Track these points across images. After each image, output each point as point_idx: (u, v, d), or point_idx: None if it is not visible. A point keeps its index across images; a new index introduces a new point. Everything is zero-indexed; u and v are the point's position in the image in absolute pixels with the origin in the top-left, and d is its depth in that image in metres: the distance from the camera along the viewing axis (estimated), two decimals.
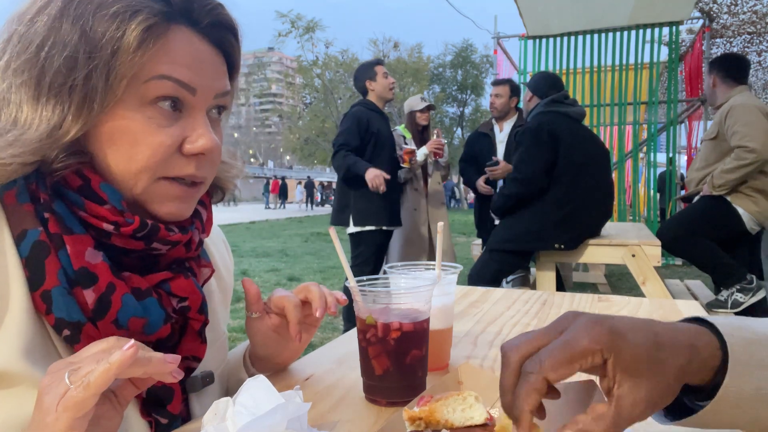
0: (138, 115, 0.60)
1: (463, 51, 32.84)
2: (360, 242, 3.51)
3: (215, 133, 0.66)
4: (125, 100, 0.59)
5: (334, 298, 0.78)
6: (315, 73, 26.96)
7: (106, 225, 0.60)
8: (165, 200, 0.64)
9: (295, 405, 0.52)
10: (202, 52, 0.63)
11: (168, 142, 0.61)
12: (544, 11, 6.09)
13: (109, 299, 0.59)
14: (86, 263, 0.58)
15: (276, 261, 8.00)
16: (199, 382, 0.72)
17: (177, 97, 0.61)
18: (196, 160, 0.63)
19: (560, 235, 2.96)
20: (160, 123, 0.61)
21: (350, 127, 3.49)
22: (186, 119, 0.63)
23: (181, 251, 0.67)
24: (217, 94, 0.66)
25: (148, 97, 0.60)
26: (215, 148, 0.64)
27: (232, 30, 0.67)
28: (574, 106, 3.19)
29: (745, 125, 2.97)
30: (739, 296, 2.97)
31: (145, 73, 0.59)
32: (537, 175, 2.98)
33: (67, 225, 0.59)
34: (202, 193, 0.69)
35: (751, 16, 6.42)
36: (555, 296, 1.39)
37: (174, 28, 0.61)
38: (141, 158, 0.60)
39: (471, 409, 0.56)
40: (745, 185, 3.04)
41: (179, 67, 0.60)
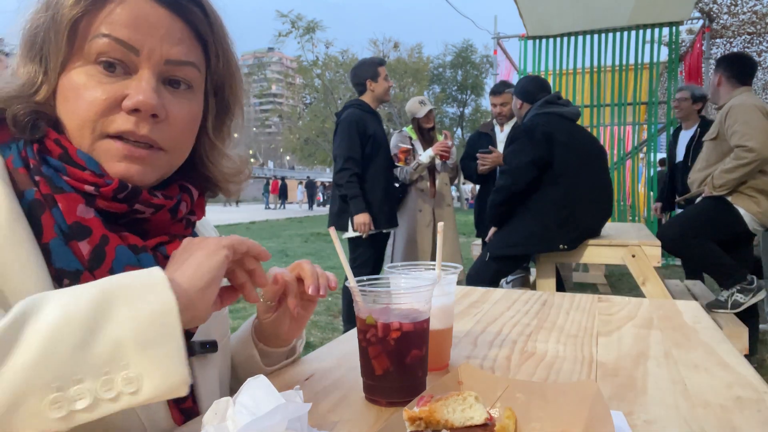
0: (83, 72, 0.64)
1: (463, 51, 32.82)
2: (358, 245, 3.51)
3: (174, 101, 0.68)
4: (74, 59, 0.64)
5: (325, 279, 0.78)
6: (315, 74, 26.94)
7: (87, 187, 0.63)
8: (113, 159, 0.65)
9: (296, 405, 0.52)
10: (150, 15, 0.65)
11: (103, 97, 0.63)
12: (544, 11, 6.09)
13: (104, 250, 0.63)
14: (79, 218, 0.63)
15: (276, 261, 8.00)
16: (197, 346, 0.73)
17: (116, 56, 0.64)
18: (135, 116, 0.64)
19: (564, 236, 2.96)
20: (100, 80, 0.64)
21: (350, 135, 3.44)
22: (131, 79, 0.65)
23: (165, 217, 0.70)
24: (169, 59, 0.66)
25: (91, 54, 0.63)
26: (152, 103, 0.64)
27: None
28: (568, 106, 3.18)
29: (744, 124, 2.96)
30: (740, 297, 2.97)
31: (89, 31, 0.63)
32: (523, 165, 2.96)
33: (56, 185, 0.63)
34: (163, 161, 0.69)
35: (751, 16, 6.42)
36: (555, 296, 1.39)
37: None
38: (80, 112, 0.64)
39: (471, 409, 0.56)
40: (746, 185, 3.03)
41: (120, 26, 0.63)
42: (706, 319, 1.15)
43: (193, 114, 0.72)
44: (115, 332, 0.49)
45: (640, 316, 1.19)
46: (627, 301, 1.33)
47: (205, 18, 0.69)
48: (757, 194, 3.02)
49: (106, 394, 0.48)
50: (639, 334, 1.04)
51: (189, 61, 0.68)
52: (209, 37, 0.71)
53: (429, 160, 3.90)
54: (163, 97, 0.66)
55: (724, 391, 0.73)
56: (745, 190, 3.04)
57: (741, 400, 0.70)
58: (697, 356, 0.89)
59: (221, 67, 0.74)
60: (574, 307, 1.27)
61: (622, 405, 0.69)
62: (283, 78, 65.75)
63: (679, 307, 1.26)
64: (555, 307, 1.27)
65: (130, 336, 0.50)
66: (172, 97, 0.68)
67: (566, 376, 0.81)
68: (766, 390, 0.73)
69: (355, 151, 3.43)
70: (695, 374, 0.80)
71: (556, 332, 1.06)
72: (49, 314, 0.48)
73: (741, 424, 0.63)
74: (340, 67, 27.90)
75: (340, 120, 3.56)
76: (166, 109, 0.67)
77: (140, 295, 0.52)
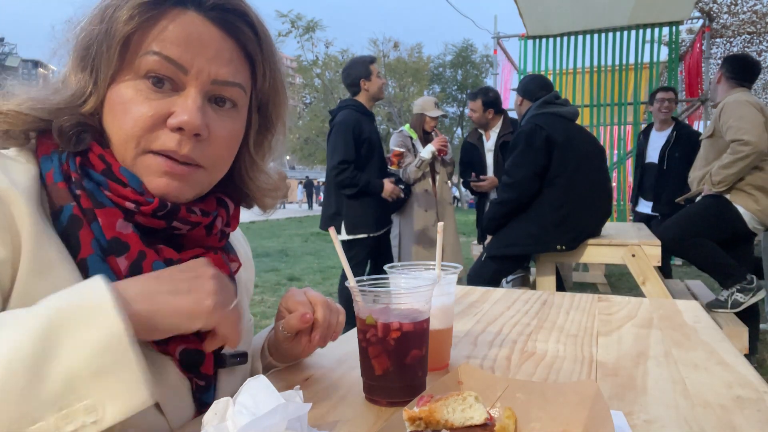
0: (131, 86, 0.64)
1: (463, 51, 32.79)
2: (352, 247, 3.50)
3: (218, 120, 0.68)
4: (124, 72, 0.64)
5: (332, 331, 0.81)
6: (315, 73, 26.92)
7: (128, 203, 0.64)
8: (153, 175, 0.65)
9: (296, 405, 0.52)
10: (202, 34, 0.65)
11: (150, 113, 0.64)
12: (544, 11, 6.09)
13: (140, 266, 0.64)
14: (118, 233, 0.63)
15: (276, 261, 8.00)
16: (228, 359, 0.74)
17: (165, 73, 0.64)
18: (179, 134, 0.64)
19: (561, 237, 2.96)
20: (148, 95, 0.64)
21: (345, 139, 3.40)
22: (178, 97, 0.65)
23: (201, 233, 0.71)
24: (216, 79, 0.66)
25: (141, 70, 0.64)
26: (197, 123, 0.64)
27: (243, 16, 0.68)
28: (566, 105, 3.17)
29: (739, 119, 2.97)
30: (739, 296, 2.97)
31: (140, 48, 0.64)
32: (528, 178, 2.97)
33: (98, 200, 0.63)
34: (203, 178, 0.69)
35: (751, 16, 6.42)
36: (555, 296, 1.39)
37: (175, 8, 0.65)
38: (126, 127, 0.64)
39: (471, 409, 0.56)
40: (744, 182, 3.03)
41: (171, 45, 0.64)
42: (706, 318, 1.15)
43: (236, 132, 0.72)
44: (65, 365, 0.47)
45: (640, 315, 1.19)
46: (627, 300, 1.33)
47: (255, 38, 0.70)
48: (756, 191, 3.02)
49: (67, 427, 0.46)
50: (639, 334, 1.04)
51: (236, 82, 0.69)
52: (258, 57, 0.71)
53: (430, 155, 3.90)
54: (207, 116, 0.67)
55: (724, 391, 0.73)
56: (744, 187, 3.03)
57: (741, 399, 0.70)
58: (697, 356, 0.89)
59: (267, 86, 0.74)
60: (574, 307, 1.27)
61: (622, 405, 0.69)
62: None
63: (679, 307, 1.26)
64: (555, 307, 1.27)
65: (83, 366, 0.47)
66: (216, 115, 0.68)
67: (566, 376, 0.81)
68: (766, 390, 0.73)
69: (350, 155, 3.41)
70: (695, 374, 0.80)
71: (556, 332, 1.06)
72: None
73: (741, 424, 0.63)
74: (340, 66, 27.85)
75: (336, 122, 3.51)
76: (209, 128, 0.67)
77: (87, 321, 0.49)
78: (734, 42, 7.34)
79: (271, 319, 4.38)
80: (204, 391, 0.70)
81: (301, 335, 0.79)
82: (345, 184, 3.42)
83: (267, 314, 4.63)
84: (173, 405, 0.66)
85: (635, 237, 3.11)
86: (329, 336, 0.81)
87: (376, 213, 3.53)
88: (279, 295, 5.50)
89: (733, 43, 7.40)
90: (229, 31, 0.67)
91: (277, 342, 0.83)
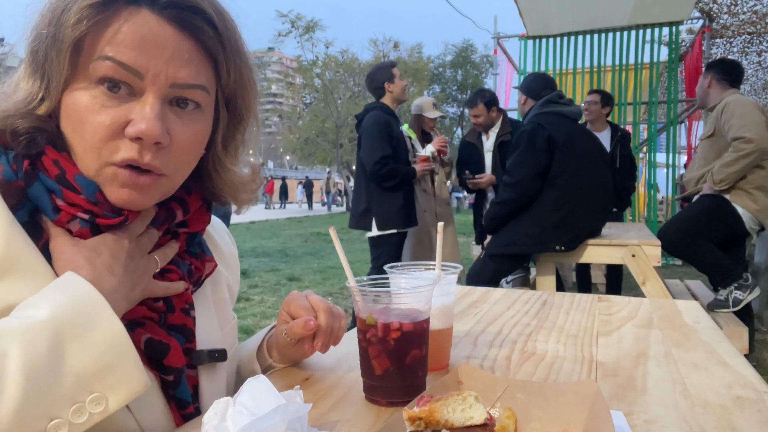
0: (86, 93, 0.61)
1: (463, 51, 32.80)
2: (381, 244, 3.57)
3: (180, 124, 0.64)
4: (77, 78, 0.61)
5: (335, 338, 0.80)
6: (315, 73, 26.92)
7: (81, 214, 0.62)
8: (117, 186, 0.63)
9: (296, 405, 0.52)
10: (157, 35, 0.61)
11: (107, 122, 0.60)
12: (544, 11, 6.09)
13: None
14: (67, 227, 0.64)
15: (276, 261, 8.00)
16: (206, 355, 0.73)
17: (120, 79, 0.60)
18: (139, 144, 0.61)
19: (560, 237, 2.96)
20: (104, 103, 0.61)
21: (382, 136, 3.50)
22: (135, 103, 0.62)
23: None
24: (175, 83, 0.62)
25: (95, 76, 0.60)
26: (155, 132, 0.60)
27: (200, 12, 0.63)
28: (570, 105, 3.17)
29: (741, 117, 2.98)
30: (738, 294, 2.98)
31: (91, 52, 0.60)
32: (529, 178, 2.97)
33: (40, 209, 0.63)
34: (165, 185, 0.66)
35: (751, 16, 6.41)
36: (555, 296, 1.39)
37: (126, 8, 0.60)
38: (86, 137, 0.61)
39: (471, 409, 0.56)
40: (744, 181, 3.03)
41: (124, 48, 0.60)
42: (706, 318, 1.15)
43: (200, 135, 0.68)
44: (76, 367, 0.53)
45: (640, 316, 1.19)
46: (627, 300, 1.33)
47: (215, 34, 0.65)
48: (755, 191, 3.02)
49: (78, 419, 0.53)
50: (639, 334, 1.04)
51: (197, 84, 0.65)
52: (219, 54, 0.67)
53: (430, 155, 3.92)
54: (168, 120, 0.63)
55: (724, 391, 0.73)
56: (743, 186, 3.04)
57: (741, 399, 0.70)
58: (697, 356, 0.89)
59: (233, 81, 0.70)
60: (574, 307, 1.27)
61: (622, 405, 0.69)
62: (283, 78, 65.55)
63: (679, 307, 1.26)
64: (555, 307, 1.27)
65: (90, 366, 0.54)
66: (177, 119, 0.64)
67: (566, 376, 0.81)
68: (766, 390, 0.73)
69: (389, 150, 3.50)
70: (695, 374, 0.80)
71: (556, 332, 1.06)
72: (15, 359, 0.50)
73: (741, 424, 0.63)
74: (339, 66, 27.89)
75: (369, 123, 3.57)
76: (171, 133, 0.63)
77: (90, 326, 0.55)
78: (734, 42, 7.34)
79: (271, 319, 4.38)
80: (175, 386, 0.68)
81: (303, 340, 0.79)
82: (388, 177, 3.50)
83: (267, 314, 4.63)
84: (140, 401, 0.63)
85: (635, 237, 3.11)
86: (331, 341, 0.80)
87: (406, 210, 3.61)
88: (279, 295, 5.50)
89: (733, 43, 7.39)
90: (186, 29, 0.63)
91: (278, 345, 0.83)
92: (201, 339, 0.74)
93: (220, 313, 0.82)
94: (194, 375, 0.73)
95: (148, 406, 0.66)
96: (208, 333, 0.77)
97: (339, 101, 27.13)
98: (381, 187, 3.54)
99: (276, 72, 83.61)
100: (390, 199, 3.55)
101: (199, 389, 0.73)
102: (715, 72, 3.30)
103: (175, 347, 0.68)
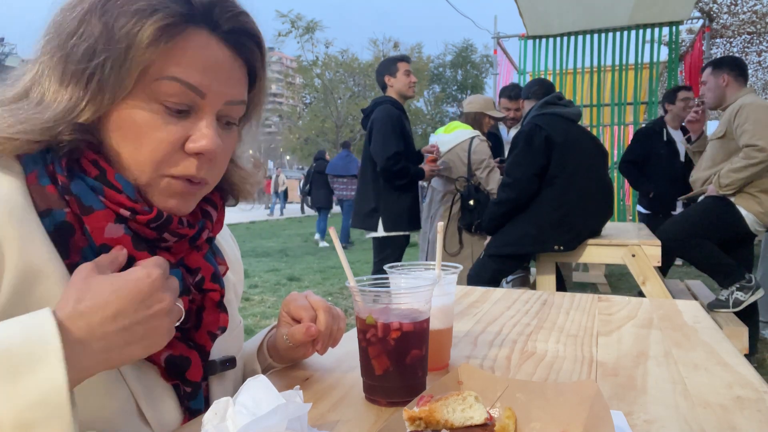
0: (145, 108, 0.62)
1: (463, 51, 32.78)
2: (386, 246, 3.51)
3: (225, 138, 0.68)
4: (136, 93, 0.61)
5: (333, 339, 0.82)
6: (315, 73, 26.91)
7: (122, 210, 0.62)
8: (167, 196, 0.65)
9: (296, 405, 0.52)
10: (218, 57, 0.64)
11: (170, 139, 0.63)
12: (544, 11, 6.08)
13: None
14: (106, 239, 0.61)
15: (276, 261, 7.99)
16: (218, 365, 0.74)
17: (183, 99, 0.63)
18: (197, 159, 0.65)
19: (559, 237, 2.96)
20: (165, 119, 0.63)
21: (395, 132, 3.39)
22: (192, 119, 0.64)
23: (185, 246, 0.69)
24: (228, 101, 0.66)
25: (157, 94, 0.62)
26: (216, 149, 0.65)
27: (255, 38, 0.68)
28: (569, 107, 3.17)
29: (756, 123, 2.92)
30: (739, 295, 2.97)
31: (157, 71, 0.61)
32: (527, 178, 2.97)
33: (85, 205, 0.61)
34: (205, 193, 0.71)
35: (751, 16, 6.41)
36: (555, 296, 1.39)
37: (192, 30, 0.62)
38: (145, 151, 0.62)
39: (471, 409, 0.56)
40: (750, 185, 3.00)
41: (190, 70, 0.62)
42: (706, 319, 1.15)
43: (234, 145, 0.73)
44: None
45: (640, 316, 1.19)
46: (627, 300, 1.33)
47: (261, 57, 0.70)
48: (760, 194, 2.99)
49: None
50: (639, 334, 1.04)
51: (243, 100, 0.69)
52: (261, 73, 0.72)
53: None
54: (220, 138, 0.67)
55: (724, 391, 0.73)
56: (749, 189, 3.01)
57: (741, 399, 0.70)
58: (697, 356, 0.89)
59: (258, 91, 0.74)
60: (574, 307, 1.27)
61: (622, 405, 0.69)
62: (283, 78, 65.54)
63: (679, 307, 1.26)
64: (555, 307, 1.27)
65: (9, 417, 0.44)
66: (224, 135, 0.68)
67: (566, 376, 0.81)
68: (766, 390, 0.73)
69: (402, 147, 3.40)
70: (695, 374, 0.80)
71: (556, 332, 1.06)
72: None
73: (741, 424, 0.63)
74: (339, 66, 27.87)
75: (380, 117, 3.45)
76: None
77: (27, 368, 0.46)
78: (734, 42, 7.34)
79: (271, 319, 4.38)
80: (192, 397, 0.70)
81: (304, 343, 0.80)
82: (400, 175, 3.43)
83: (267, 314, 4.63)
84: (158, 413, 0.65)
85: (635, 237, 3.11)
86: (329, 343, 0.82)
87: (412, 212, 3.57)
88: (279, 295, 5.50)
89: (733, 43, 7.39)
90: (239, 52, 0.67)
91: (279, 348, 0.83)
92: (213, 347, 0.74)
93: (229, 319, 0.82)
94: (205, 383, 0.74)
95: (166, 417, 0.67)
96: (219, 341, 0.77)
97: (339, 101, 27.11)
98: (391, 185, 3.46)
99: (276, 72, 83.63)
100: (399, 200, 3.48)
101: (210, 397, 0.74)
102: (730, 69, 3.22)
103: (196, 362, 0.69)
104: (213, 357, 0.74)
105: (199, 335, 0.70)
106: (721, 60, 3.37)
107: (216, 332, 0.72)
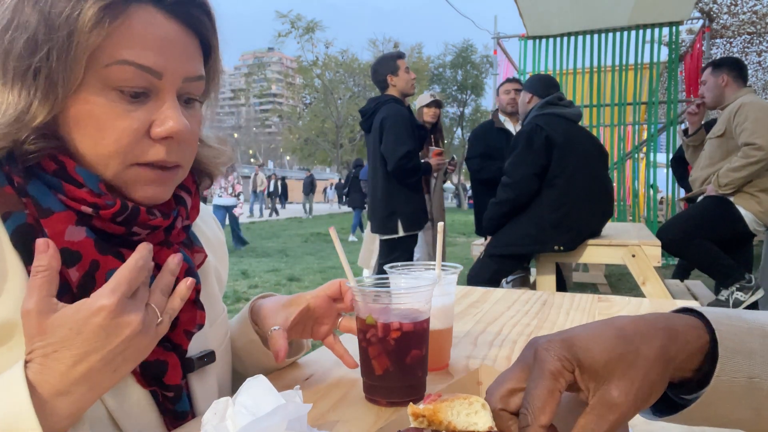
0: (101, 98, 0.58)
1: (463, 51, 32.79)
2: (396, 247, 3.52)
3: (189, 117, 0.64)
4: (88, 83, 0.58)
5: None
6: (315, 74, 26.93)
7: (84, 207, 0.59)
8: (140, 185, 0.62)
9: (296, 406, 0.52)
10: (168, 33, 0.60)
11: (134, 126, 0.59)
12: (544, 11, 6.08)
13: (93, 277, 0.58)
14: (67, 243, 0.57)
15: (276, 261, 8.00)
16: (195, 362, 0.70)
17: (140, 81, 0.59)
18: (166, 144, 0.61)
19: (559, 237, 2.96)
20: (124, 107, 0.59)
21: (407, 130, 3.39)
22: (153, 102, 0.61)
23: (160, 236, 0.66)
24: (186, 77, 0.63)
25: (111, 81, 0.58)
26: (184, 130, 0.61)
27: (202, 7, 0.64)
28: (569, 107, 3.17)
29: (755, 122, 2.93)
30: (739, 295, 2.97)
31: (106, 57, 0.57)
32: (527, 178, 2.97)
33: (43, 207, 0.58)
34: (182, 177, 0.68)
35: (751, 16, 6.42)
36: (555, 296, 1.39)
37: (136, 6, 0.58)
38: (107, 143, 0.59)
39: (476, 415, 0.55)
40: (750, 184, 3.00)
41: (141, 51, 0.58)
42: None
43: (200, 123, 0.69)
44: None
45: None
46: (627, 301, 1.33)
47: (212, 26, 0.66)
48: (760, 193, 3.00)
49: None
50: None
51: (201, 75, 0.65)
52: (215, 44, 0.68)
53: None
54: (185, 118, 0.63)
55: None
56: (748, 188, 3.01)
57: None
58: None
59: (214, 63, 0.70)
60: (574, 307, 1.27)
61: None
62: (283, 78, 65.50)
63: None
64: (555, 307, 1.27)
65: None
66: (186, 112, 0.64)
67: None
68: None
69: (414, 145, 3.41)
70: None
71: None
72: None
73: None
74: (339, 67, 27.90)
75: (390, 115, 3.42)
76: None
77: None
78: (734, 42, 7.34)
79: None
80: (175, 401, 0.66)
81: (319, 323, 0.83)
82: (413, 172, 3.44)
83: None
84: (134, 422, 0.62)
85: (635, 237, 3.11)
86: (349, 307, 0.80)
87: (424, 209, 3.62)
88: None
89: (733, 44, 7.40)
90: (188, 24, 0.63)
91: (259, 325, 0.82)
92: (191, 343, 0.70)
93: (209, 310, 0.76)
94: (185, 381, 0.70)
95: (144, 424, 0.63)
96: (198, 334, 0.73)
97: (339, 101, 27.14)
98: (403, 183, 3.45)
99: (276, 72, 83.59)
100: (413, 199, 3.51)
101: (191, 394, 0.71)
102: (729, 70, 3.24)
103: (174, 364, 0.66)
104: (191, 353, 0.70)
105: (175, 335, 0.67)
106: (721, 60, 3.39)
107: (193, 330, 0.69)
